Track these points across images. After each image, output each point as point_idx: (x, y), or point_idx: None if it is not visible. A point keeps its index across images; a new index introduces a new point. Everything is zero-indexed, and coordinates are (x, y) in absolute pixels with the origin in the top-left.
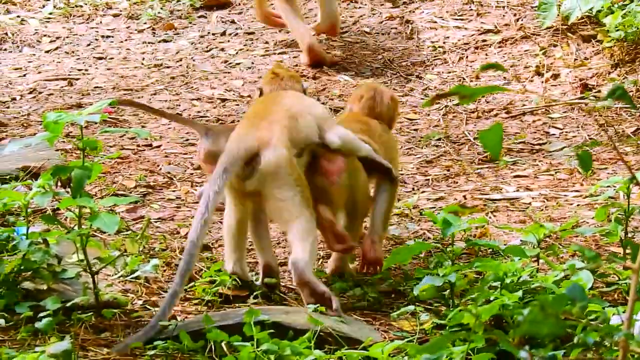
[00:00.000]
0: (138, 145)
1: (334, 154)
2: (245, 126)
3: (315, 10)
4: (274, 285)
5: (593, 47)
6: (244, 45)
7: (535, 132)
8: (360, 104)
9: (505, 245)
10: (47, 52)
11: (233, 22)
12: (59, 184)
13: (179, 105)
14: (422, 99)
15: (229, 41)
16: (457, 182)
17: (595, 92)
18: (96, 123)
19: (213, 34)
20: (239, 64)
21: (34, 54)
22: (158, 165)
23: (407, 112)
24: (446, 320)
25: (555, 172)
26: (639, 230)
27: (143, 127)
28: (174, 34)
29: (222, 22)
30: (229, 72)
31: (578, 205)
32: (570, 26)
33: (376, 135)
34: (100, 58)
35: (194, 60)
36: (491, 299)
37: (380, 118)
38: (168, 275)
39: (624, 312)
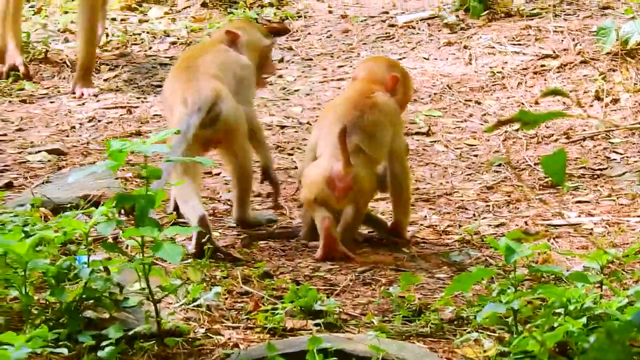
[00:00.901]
0: None
1: (346, 172)
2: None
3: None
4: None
5: None
6: (302, 71)
7: (596, 157)
8: (365, 71)
9: (568, 271)
10: (105, 80)
11: (291, 48)
12: (122, 212)
13: None
14: (481, 124)
15: (287, 68)
16: (518, 208)
17: None
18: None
19: (271, 61)
20: (297, 90)
21: (93, 82)
22: (218, 193)
23: (467, 137)
24: (510, 348)
25: (617, 198)
26: None
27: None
28: None
29: (280, 48)
30: (287, 99)
31: None
32: (629, 51)
33: (382, 109)
34: (159, 86)
35: None
36: (555, 325)
37: (384, 87)
38: (230, 303)
39: None
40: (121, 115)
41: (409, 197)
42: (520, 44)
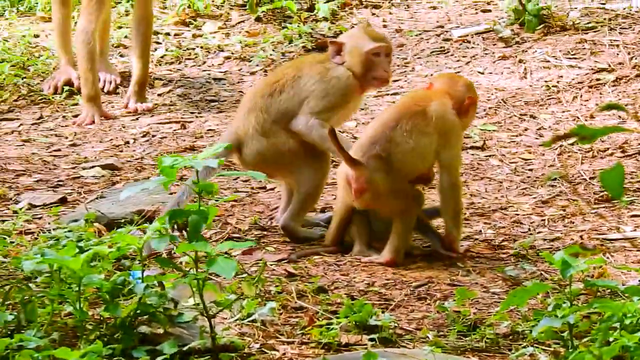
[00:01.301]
0: (252, 188)
1: (357, 174)
2: None
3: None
4: None
5: None
6: None
7: None
8: (443, 83)
9: (624, 285)
10: (159, 95)
11: None
12: (175, 227)
13: None
14: (536, 138)
15: None
16: (573, 222)
17: None
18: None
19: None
20: None
21: (147, 97)
22: (274, 207)
23: (522, 152)
24: None
25: None
26: None
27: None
28: None
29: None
30: None
31: None
32: None
33: (432, 118)
34: (213, 101)
35: None
36: (611, 340)
37: (458, 105)
38: (285, 318)
39: None
40: (175, 130)
41: (459, 210)
42: (575, 58)
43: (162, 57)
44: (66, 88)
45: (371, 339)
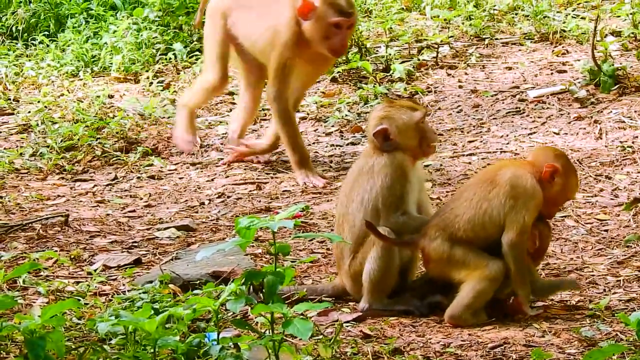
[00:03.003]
0: (328, 249)
1: (419, 247)
2: None
3: None
4: None
5: None
6: None
7: None
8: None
9: None
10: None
11: None
12: (252, 289)
13: None
14: (611, 199)
15: None
16: None
17: None
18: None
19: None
20: (427, 165)
21: (221, 158)
22: None
23: (597, 212)
24: None
25: None
26: None
27: (332, 230)
28: (362, 136)
29: None
30: None
31: None
32: None
33: (500, 185)
34: (288, 161)
35: None
36: None
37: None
38: None
39: None
40: (250, 191)
41: (522, 270)
42: None
43: None
44: (139, 148)
45: None
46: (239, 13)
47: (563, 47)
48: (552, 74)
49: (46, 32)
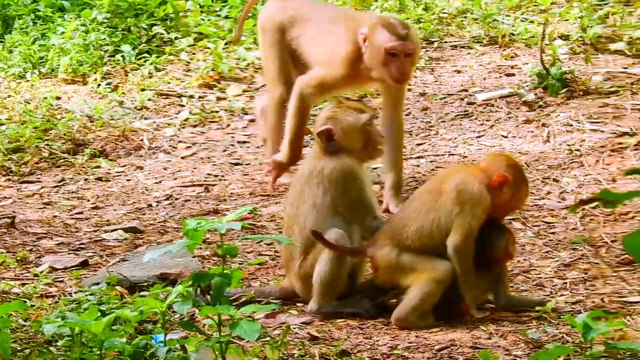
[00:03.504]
0: (276, 251)
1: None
2: None
3: None
4: None
5: None
6: None
7: None
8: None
9: None
10: (182, 158)
11: None
12: (199, 291)
13: None
14: (558, 202)
15: None
16: (595, 285)
17: None
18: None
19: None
20: (375, 168)
21: (169, 160)
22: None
23: (545, 215)
24: None
25: None
26: None
27: (280, 232)
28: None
29: None
30: None
31: None
32: None
33: (447, 192)
34: (237, 164)
35: None
36: None
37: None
38: None
39: None
40: (198, 193)
41: (468, 272)
42: (598, 122)
43: (185, 119)
44: (87, 150)
45: None
46: (299, 27)
47: (512, 50)
48: (500, 77)
49: None
